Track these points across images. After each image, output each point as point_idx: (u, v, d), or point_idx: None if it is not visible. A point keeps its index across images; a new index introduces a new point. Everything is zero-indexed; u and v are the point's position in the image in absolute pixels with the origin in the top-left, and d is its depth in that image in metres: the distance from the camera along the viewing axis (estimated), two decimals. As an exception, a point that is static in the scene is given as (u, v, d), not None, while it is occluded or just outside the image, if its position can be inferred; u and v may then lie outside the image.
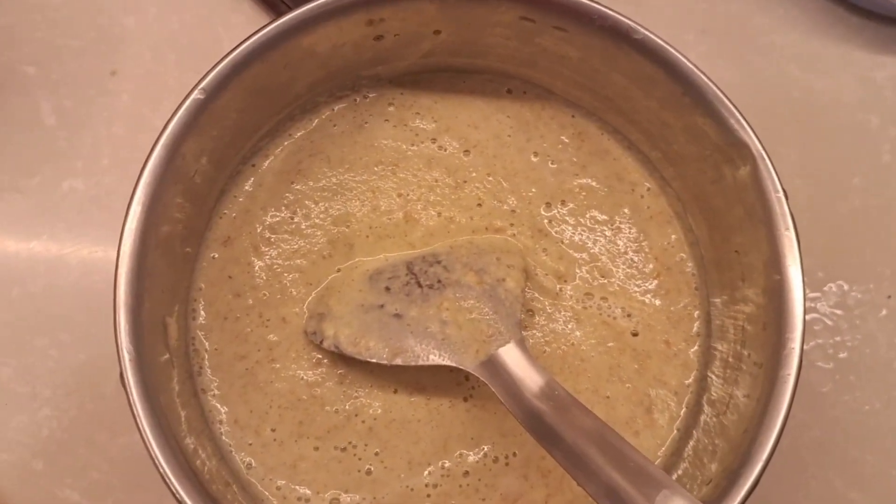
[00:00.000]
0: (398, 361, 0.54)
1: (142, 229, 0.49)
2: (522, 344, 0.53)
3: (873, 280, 0.69)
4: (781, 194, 0.51)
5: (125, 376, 0.47)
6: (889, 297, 0.68)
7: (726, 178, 0.55)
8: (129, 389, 0.47)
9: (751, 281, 0.54)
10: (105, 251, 0.66)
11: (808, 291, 0.68)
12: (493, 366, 0.53)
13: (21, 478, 0.62)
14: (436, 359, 0.54)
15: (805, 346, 0.66)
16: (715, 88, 0.53)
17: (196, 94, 0.51)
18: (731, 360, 0.56)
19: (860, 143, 0.72)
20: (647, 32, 0.53)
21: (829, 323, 0.68)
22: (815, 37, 0.74)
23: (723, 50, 0.74)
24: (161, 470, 0.47)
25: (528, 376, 0.51)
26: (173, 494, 0.47)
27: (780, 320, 0.50)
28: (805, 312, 0.50)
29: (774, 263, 0.51)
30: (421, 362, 0.54)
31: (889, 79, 0.73)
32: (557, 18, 0.55)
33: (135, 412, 0.47)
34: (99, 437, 0.63)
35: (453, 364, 0.53)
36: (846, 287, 0.69)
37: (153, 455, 0.47)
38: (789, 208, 0.51)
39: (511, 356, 0.53)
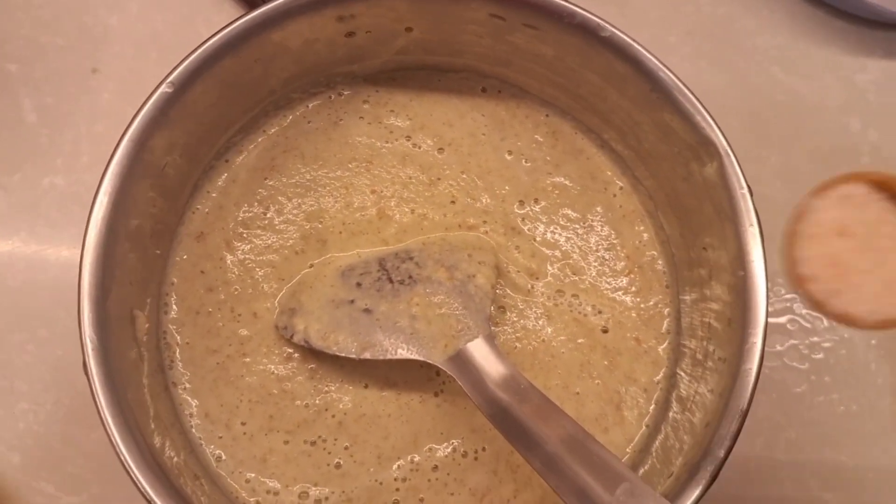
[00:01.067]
0: (367, 355, 0.54)
1: (108, 221, 0.50)
2: (491, 339, 0.54)
3: (850, 281, 0.69)
4: (746, 191, 0.51)
5: (87, 364, 0.47)
6: (866, 298, 0.69)
7: (695, 175, 0.55)
8: (91, 378, 0.47)
9: (718, 278, 0.54)
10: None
11: (784, 292, 0.68)
12: (462, 360, 0.53)
13: (-3, 471, 0.63)
14: (404, 353, 0.54)
15: (780, 347, 0.67)
16: (681, 85, 0.53)
17: (164, 88, 0.51)
18: (699, 356, 0.56)
19: (841, 145, 0.72)
20: (614, 30, 0.53)
21: (805, 324, 0.68)
22: (798, 40, 0.75)
23: (707, 52, 0.74)
24: (122, 458, 0.47)
25: (495, 370, 0.52)
26: (134, 483, 0.47)
27: (744, 316, 0.50)
28: (768, 307, 0.50)
29: (739, 260, 0.51)
30: (389, 356, 0.54)
31: (871, 82, 0.73)
32: (526, 16, 0.55)
33: (97, 400, 0.47)
34: (75, 431, 0.64)
35: (421, 358, 0.54)
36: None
37: (114, 443, 0.47)
38: (753, 205, 0.51)
39: (479, 351, 0.53)
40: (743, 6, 0.75)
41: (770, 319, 0.67)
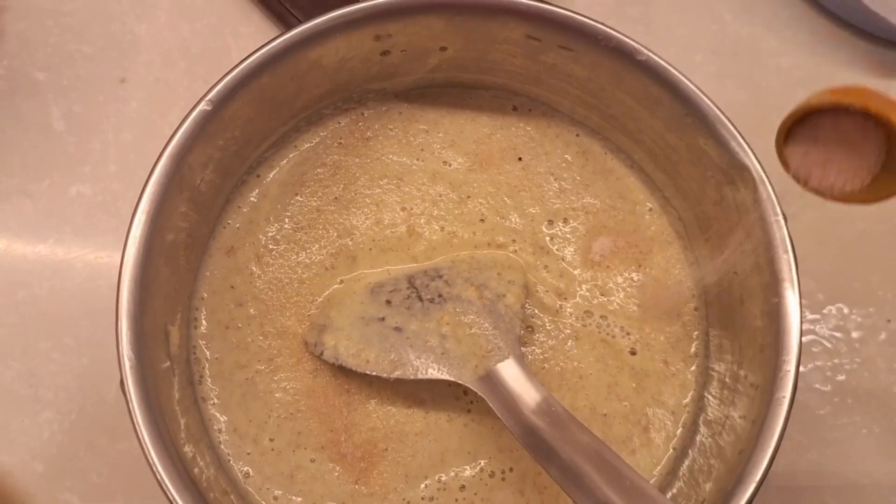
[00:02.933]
0: (397, 374, 0.55)
1: (146, 238, 0.50)
2: (521, 360, 0.54)
3: (873, 304, 0.69)
4: (781, 217, 0.52)
5: (125, 383, 0.48)
6: (889, 321, 0.69)
7: (727, 199, 0.55)
8: (128, 397, 0.47)
9: (749, 303, 0.54)
10: (110, 256, 0.66)
11: (807, 314, 0.68)
12: (492, 381, 0.53)
13: (21, 480, 0.63)
14: (434, 373, 0.54)
15: (803, 368, 0.67)
16: (717, 110, 0.53)
17: (203, 105, 0.51)
18: (728, 380, 0.56)
19: (865, 166, 0.72)
20: (650, 54, 0.54)
21: (829, 346, 0.68)
22: (822, 60, 0.75)
23: (731, 71, 0.74)
24: (158, 477, 0.47)
25: (526, 392, 0.52)
26: (167, 497, 0.47)
27: (777, 343, 0.50)
28: (801, 336, 0.50)
29: (773, 286, 0.51)
30: (420, 376, 0.54)
31: None
32: (563, 38, 0.55)
33: (134, 419, 0.47)
34: (99, 441, 0.64)
35: (452, 378, 0.54)
36: (846, 310, 0.69)
37: (151, 462, 0.47)
38: (788, 232, 0.52)
39: (509, 372, 0.53)
40: (767, 27, 0.76)
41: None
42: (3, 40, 0.70)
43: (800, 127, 0.46)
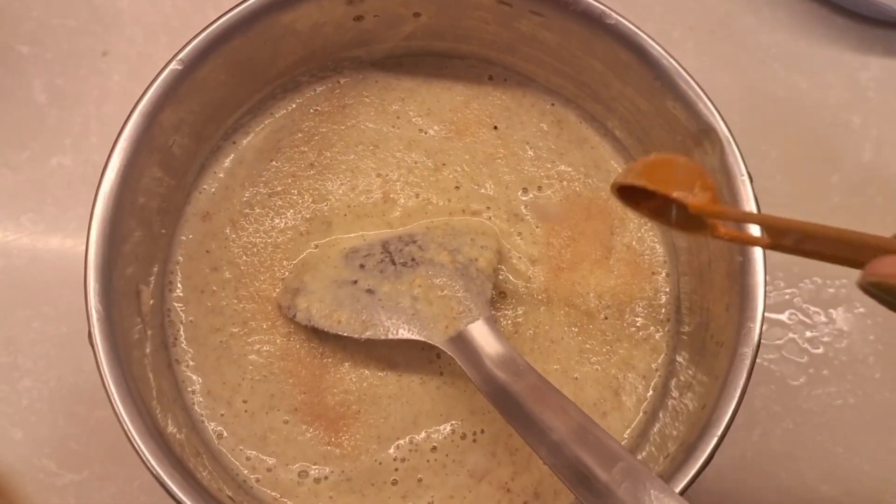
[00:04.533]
0: (368, 334, 0.55)
1: (116, 195, 0.50)
2: (491, 322, 0.54)
3: (848, 276, 0.69)
4: (746, 177, 0.52)
5: (93, 335, 0.48)
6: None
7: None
8: (96, 349, 0.48)
9: (716, 264, 0.55)
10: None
11: (783, 286, 0.69)
12: (462, 341, 0.53)
13: (0, 447, 0.63)
14: (405, 333, 0.55)
15: (780, 341, 0.67)
16: (684, 73, 0.54)
17: (174, 65, 0.52)
18: (696, 343, 0.57)
19: (842, 142, 0.73)
20: (618, 17, 0.54)
21: (804, 318, 0.69)
22: (800, 37, 0.75)
23: (710, 48, 0.74)
24: (125, 428, 0.48)
25: (494, 350, 0.52)
26: (138, 454, 0.48)
27: (742, 300, 0.51)
28: (766, 292, 0.51)
29: (738, 246, 0.52)
30: (391, 336, 0.55)
31: (872, 79, 0.74)
32: (533, 3, 0.56)
33: (101, 370, 0.48)
34: (78, 409, 0.64)
35: (422, 338, 0.54)
36: (821, 282, 0.69)
37: (118, 412, 0.47)
38: (753, 191, 0.52)
39: (479, 332, 0.54)
40: (745, 4, 0.76)
41: (769, 314, 0.68)
42: (-14, 14, 0.71)
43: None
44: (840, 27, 0.75)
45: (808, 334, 0.68)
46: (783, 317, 0.69)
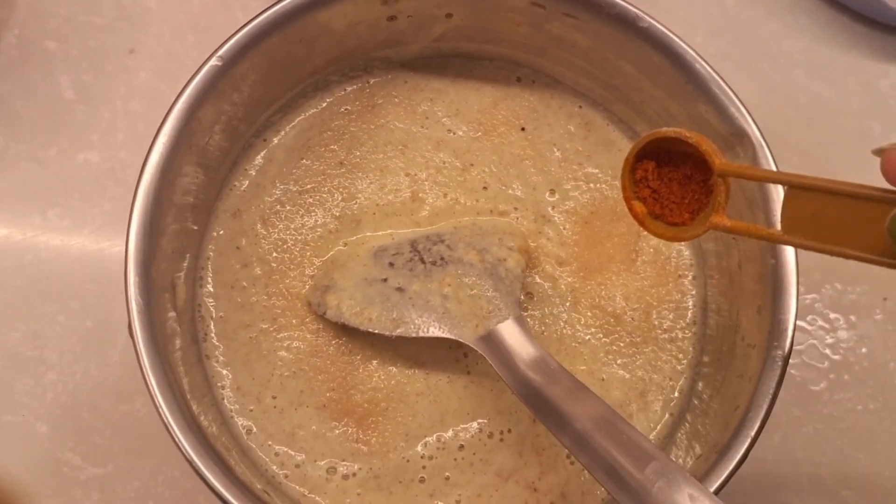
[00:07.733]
0: (399, 332, 0.55)
1: (156, 189, 0.51)
2: (521, 321, 0.54)
3: (869, 282, 0.70)
4: (779, 182, 0.52)
5: (133, 327, 0.48)
6: (885, 299, 0.69)
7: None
8: (136, 340, 0.48)
9: (747, 266, 0.55)
10: (117, 223, 0.67)
11: (804, 290, 0.69)
12: (492, 340, 0.54)
13: (24, 440, 0.63)
14: (436, 331, 0.55)
15: (800, 346, 0.68)
16: (717, 76, 0.54)
17: (214, 61, 0.52)
18: (724, 345, 0.57)
19: (862, 149, 0.73)
20: (652, 21, 0.55)
21: (825, 323, 0.69)
22: (822, 44, 0.76)
23: (732, 53, 0.75)
24: (164, 418, 0.48)
25: (526, 351, 0.53)
26: (175, 444, 0.48)
27: (775, 302, 0.51)
28: (798, 295, 0.51)
29: (771, 248, 0.52)
30: (421, 334, 0.55)
31: (893, 87, 0.74)
32: (567, 6, 0.56)
33: (141, 361, 0.48)
34: (102, 403, 0.64)
35: (453, 337, 0.55)
36: (842, 288, 0.70)
37: (157, 403, 0.48)
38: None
39: (509, 331, 0.54)
40: (767, 10, 0.76)
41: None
42: (14, 10, 0.71)
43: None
44: (861, 35, 0.76)
45: (829, 340, 0.69)
46: (804, 322, 0.69)
